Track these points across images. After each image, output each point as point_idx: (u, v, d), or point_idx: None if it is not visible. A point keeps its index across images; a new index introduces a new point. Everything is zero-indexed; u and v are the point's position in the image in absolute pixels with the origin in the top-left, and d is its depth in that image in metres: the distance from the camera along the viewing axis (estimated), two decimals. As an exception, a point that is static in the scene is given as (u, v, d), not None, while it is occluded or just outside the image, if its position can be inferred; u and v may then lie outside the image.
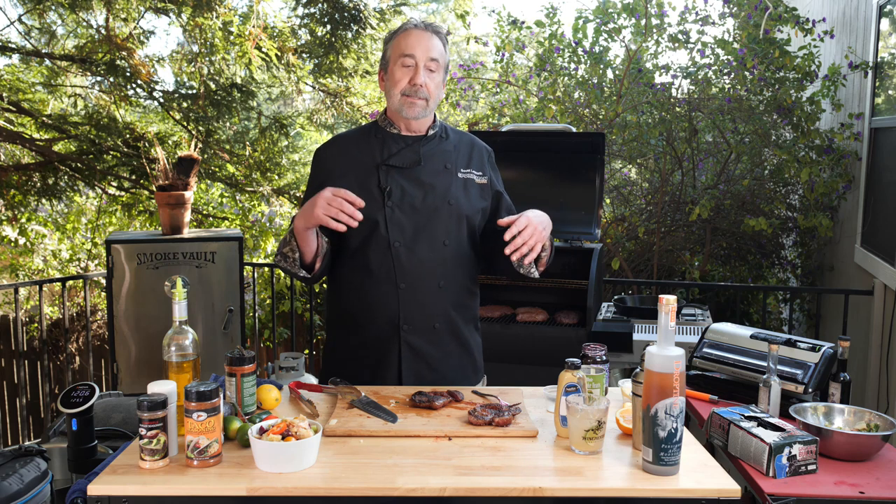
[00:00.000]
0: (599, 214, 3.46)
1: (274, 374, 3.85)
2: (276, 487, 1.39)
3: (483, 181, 2.11)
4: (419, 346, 2.00)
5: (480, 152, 2.15)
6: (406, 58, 1.98)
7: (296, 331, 4.96)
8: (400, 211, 1.99)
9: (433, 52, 1.99)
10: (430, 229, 2.00)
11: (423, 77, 1.98)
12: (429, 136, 2.07)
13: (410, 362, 2.00)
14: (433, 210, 2.01)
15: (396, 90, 1.99)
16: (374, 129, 2.09)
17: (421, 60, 1.98)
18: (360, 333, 2.04)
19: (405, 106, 1.99)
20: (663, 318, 1.45)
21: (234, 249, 3.74)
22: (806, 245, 5.30)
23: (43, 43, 5.43)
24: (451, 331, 2.05)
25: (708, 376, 2.37)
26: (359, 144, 2.07)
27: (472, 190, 2.08)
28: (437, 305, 2.02)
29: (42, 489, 2.43)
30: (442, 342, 2.04)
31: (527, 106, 5.57)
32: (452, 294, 2.04)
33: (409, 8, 5.79)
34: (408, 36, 1.99)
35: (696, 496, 1.40)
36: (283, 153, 5.73)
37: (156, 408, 1.46)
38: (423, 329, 2.01)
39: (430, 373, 2.02)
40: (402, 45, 1.99)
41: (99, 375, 5.72)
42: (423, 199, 2.00)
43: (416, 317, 1.99)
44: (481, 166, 2.13)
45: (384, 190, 1.99)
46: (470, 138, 2.18)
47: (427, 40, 1.99)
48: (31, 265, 5.95)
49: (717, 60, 4.97)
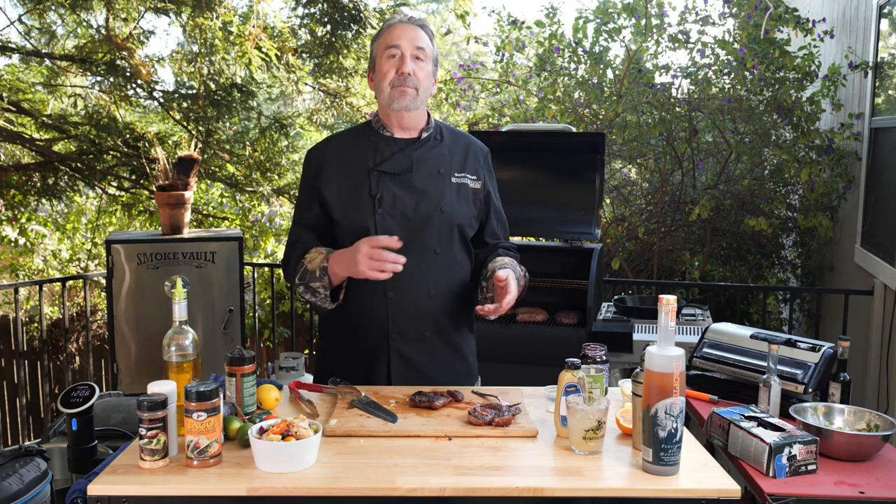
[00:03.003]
0: (599, 214, 3.46)
1: (274, 374, 3.86)
2: (276, 487, 1.39)
3: (477, 185, 2.05)
4: (409, 353, 1.98)
5: (476, 154, 2.09)
6: (391, 49, 1.94)
7: (296, 331, 4.96)
8: (391, 218, 1.95)
9: (419, 41, 1.95)
10: (421, 238, 1.96)
11: (411, 65, 1.93)
12: (422, 138, 2.02)
13: (400, 369, 1.98)
14: (425, 218, 1.96)
15: (385, 83, 1.95)
16: (368, 131, 2.03)
17: (407, 50, 1.94)
18: (351, 340, 2.02)
19: (395, 97, 1.94)
20: (663, 318, 1.45)
21: (234, 249, 3.74)
22: (806, 245, 5.30)
23: (43, 43, 5.43)
24: (442, 338, 2.02)
25: (708, 376, 2.37)
26: (351, 147, 2.02)
27: (466, 195, 2.03)
28: (427, 314, 1.99)
29: (42, 489, 2.43)
30: (432, 350, 2.01)
31: (527, 106, 5.57)
32: (443, 302, 2.00)
33: (409, 8, 5.79)
34: (392, 30, 1.97)
35: (696, 496, 1.40)
36: (283, 153, 5.73)
37: (156, 408, 1.46)
38: (413, 337, 1.98)
39: (421, 379, 2.00)
40: (387, 38, 1.96)
41: (99, 375, 5.72)
42: (415, 206, 1.96)
43: (405, 326, 1.97)
44: (476, 169, 2.07)
45: (375, 197, 1.95)
46: (466, 140, 2.11)
47: (412, 31, 1.96)
48: (31, 265, 5.95)
49: (717, 60, 4.97)
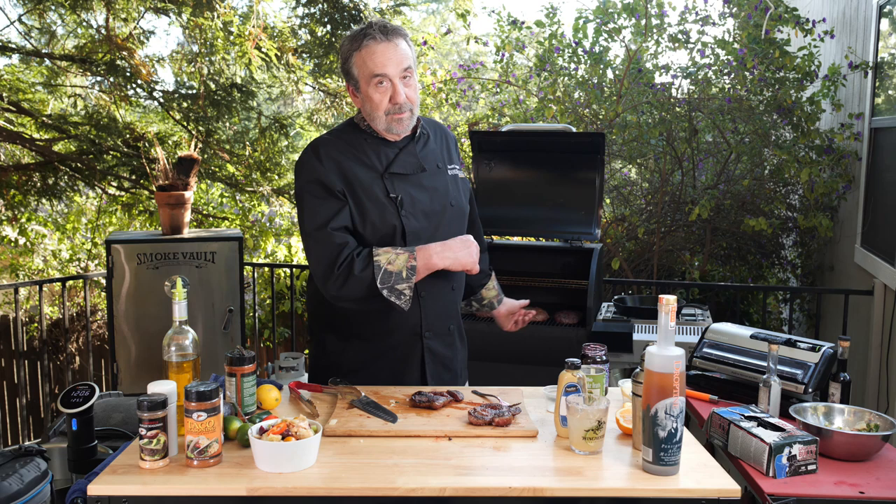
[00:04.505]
0: (599, 214, 3.46)
1: (274, 374, 3.86)
2: (276, 487, 1.39)
3: (463, 175, 2.12)
4: (438, 350, 2.03)
5: (451, 141, 2.13)
6: (378, 77, 1.88)
7: (296, 331, 4.95)
8: (414, 219, 1.95)
9: (404, 62, 1.89)
10: (441, 233, 1.99)
11: (403, 93, 1.89)
12: (416, 136, 2.03)
13: (433, 367, 2.02)
14: (441, 213, 2.00)
15: (379, 112, 1.91)
16: (360, 133, 1.99)
17: (395, 77, 1.88)
18: (379, 343, 2.00)
19: (393, 124, 1.93)
20: (663, 318, 1.46)
21: (234, 249, 3.74)
22: (806, 245, 5.30)
23: (43, 43, 5.44)
24: (459, 330, 2.12)
25: (708, 376, 2.37)
26: (351, 151, 1.96)
27: (460, 185, 2.09)
28: (452, 308, 2.07)
29: (42, 489, 2.42)
30: (454, 343, 2.09)
31: (527, 106, 5.57)
32: (459, 294, 2.11)
33: (409, 8, 5.80)
34: (373, 53, 1.87)
35: (696, 496, 1.40)
36: (283, 153, 5.73)
37: (156, 408, 1.46)
38: (441, 333, 2.04)
39: (447, 373, 2.06)
40: (370, 64, 1.87)
41: (99, 375, 5.72)
42: (430, 203, 1.99)
43: (435, 323, 2.02)
44: (458, 157, 2.13)
45: (395, 200, 1.93)
46: (440, 128, 2.12)
47: (393, 51, 1.88)
48: (31, 265, 5.95)
49: (717, 60, 4.97)
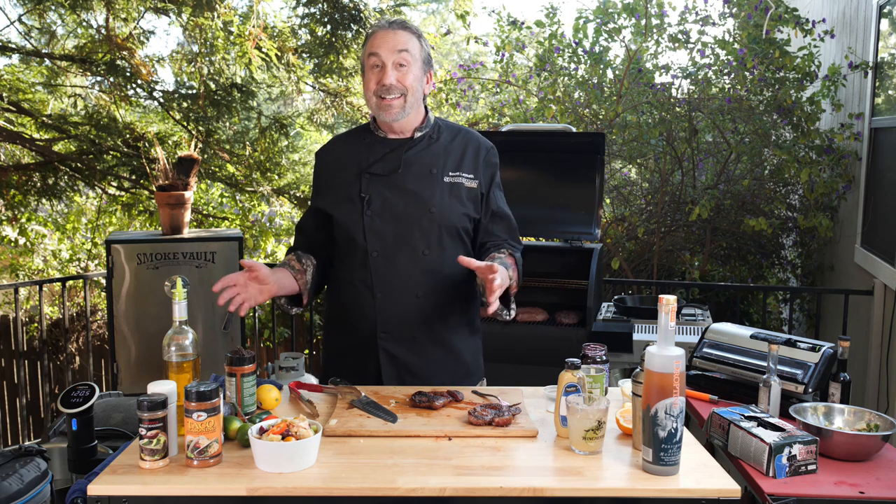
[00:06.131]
0: (599, 214, 3.46)
1: (274, 374, 3.84)
2: (276, 487, 1.39)
3: (473, 185, 2.02)
4: (398, 353, 1.98)
5: (476, 151, 2.05)
6: (372, 57, 1.94)
7: (296, 331, 4.95)
8: (381, 220, 1.96)
9: (400, 45, 1.92)
10: (410, 239, 1.96)
11: (392, 75, 1.92)
12: (415, 138, 2.01)
13: (389, 368, 1.99)
14: (414, 219, 1.96)
15: (370, 93, 1.96)
16: (365, 132, 2.07)
17: (388, 58, 1.92)
18: (344, 336, 2.05)
19: (381, 109, 1.95)
20: (663, 318, 1.45)
21: (234, 249, 3.74)
22: (806, 245, 5.30)
23: (43, 43, 5.43)
24: (435, 340, 2.00)
25: (708, 376, 2.37)
26: (348, 148, 2.07)
27: (460, 194, 2.00)
28: (416, 316, 1.97)
29: (42, 489, 2.42)
30: (424, 351, 2.00)
31: (527, 106, 5.57)
32: (433, 304, 1.98)
33: (409, 8, 5.79)
34: (374, 37, 1.96)
35: (696, 496, 1.40)
36: (283, 153, 5.73)
37: (156, 408, 1.46)
38: (402, 338, 1.98)
39: (413, 378, 1.99)
40: (369, 46, 1.96)
41: (99, 375, 5.71)
42: (404, 207, 1.96)
43: (393, 326, 1.97)
44: (475, 168, 2.03)
45: (364, 199, 1.96)
46: (466, 137, 2.07)
47: (392, 37, 1.93)
48: (31, 265, 5.94)
49: (717, 60, 4.97)
